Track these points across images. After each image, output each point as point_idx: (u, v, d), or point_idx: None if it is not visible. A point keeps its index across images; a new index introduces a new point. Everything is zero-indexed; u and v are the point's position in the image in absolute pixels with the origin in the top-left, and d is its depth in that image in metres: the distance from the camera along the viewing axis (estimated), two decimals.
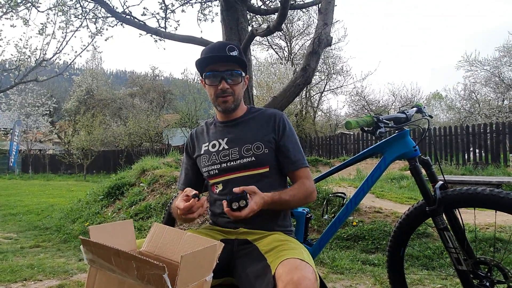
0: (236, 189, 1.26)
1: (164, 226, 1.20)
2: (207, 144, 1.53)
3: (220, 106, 1.49)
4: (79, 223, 4.81)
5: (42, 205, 7.34)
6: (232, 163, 1.44)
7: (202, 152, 1.53)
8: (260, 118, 1.53)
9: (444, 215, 1.59)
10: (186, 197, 1.29)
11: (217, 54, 1.45)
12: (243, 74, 1.49)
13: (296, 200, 1.40)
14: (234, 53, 1.45)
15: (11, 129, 20.87)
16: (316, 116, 21.52)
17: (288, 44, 21.16)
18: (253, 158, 1.43)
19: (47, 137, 25.56)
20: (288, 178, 1.54)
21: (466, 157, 10.68)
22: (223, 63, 1.44)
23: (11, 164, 19.76)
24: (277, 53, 21.38)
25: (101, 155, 19.04)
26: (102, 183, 6.69)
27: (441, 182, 1.61)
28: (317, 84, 20.68)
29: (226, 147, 1.48)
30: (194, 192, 1.30)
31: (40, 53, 9.07)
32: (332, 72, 20.61)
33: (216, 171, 1.47)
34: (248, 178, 1.42)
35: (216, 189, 1.49)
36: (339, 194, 1.98)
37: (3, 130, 23.95)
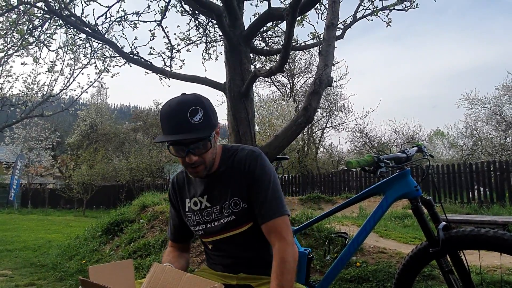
0: None
1: (164, 266, 1.19)
2: (189, 200, 1.44)
3: (192, 175, 1.36)
4: (76, 261, 4.70)
5: (39, 241, 7.22)
6: (215, 223, 1.37)
7: (186, 209, 1.45)
8: (233, 167, 1.37)
9: (448, 257, 1.56)
10: None
11: (178, 126, 1.22)
12: (213, 135, 1.28)
13: (285, 279, 1.21)
14: (198, 116, 1.22)
15: (13, 162, 20.93)
16: (318, 152, 21.60)
17: (290, 81, 21.71)
18: (233, 217, 1.33)
19: (48, 171, 25.54)
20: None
21: (470, 195, 10.57)
22: (186, 133, 1.22)
23: (11, 198, 19.62)
24: (279, 90, 21.89)
25: (102, 190, 18.93)
26: (101, 219, 6.61)
27: (444, 223, 1.60)
28: (319, 120, 20.97)
29: (208, 205, 1.39)
30: None
31: (48, 89, 9.32)
32: (334, 109, 20.97)
33: (202, 232, 1.40)
34: (234, 238, 1.36)
35: (209, 245, 1.44)
36: (342, 234, 1.96)
37: (5, 164, 24.01)
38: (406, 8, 5.00)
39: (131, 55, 4.82)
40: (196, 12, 5.48)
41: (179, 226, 1.50)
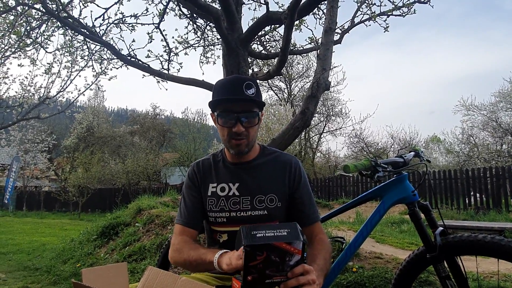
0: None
1: (158, 270, 1.17)
2: (215, 185, 1.42)
3: (233, 148, 1.37)
4: (70, 264, 4.66)
5: (34, 244, 7.15)
6: (242, 213, 1.36)
7: (209, 194, 1.42)
8: (275, 164, 1.43)
9: (445, 263, 1.55)
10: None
11: (233, 94, 1.31)
12: (260, 114, 1.37)
13: (328, 262, 1.31)
14: (252, 90, 1.32)
15: (9, 165, 20.79)
16: (315, 157, 21.60)
17: (288, 86, 21.75)
18: (265, 212, 1.36)
19: (44, 174, 25.38)
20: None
21: (466, 201, 10.58)
22: (239, 103, 1.31)
23: (6, 201, 19.46)
24: (276, 95, 21.91)
25: (97, 193, 18.81)
26: (96, 222, 6.57)
27: (441, 228, 1.59)
28: (316, 125, 20.99)
29: (236, 193, 1.38)
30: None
31: (44, 91, 9.28)
32: (331, 114, 21.01)
33: (224, 220, 1.37)
34: None
35: (220, 238, 1.40)
36: (338, 239, 1.94)
37: (0, 166, 23.83)
38: (403, 14, 5.03)
39: (129, 58, 4.80)
40: (194, 15, 5.48)
41: (197, 209, 1.43)
